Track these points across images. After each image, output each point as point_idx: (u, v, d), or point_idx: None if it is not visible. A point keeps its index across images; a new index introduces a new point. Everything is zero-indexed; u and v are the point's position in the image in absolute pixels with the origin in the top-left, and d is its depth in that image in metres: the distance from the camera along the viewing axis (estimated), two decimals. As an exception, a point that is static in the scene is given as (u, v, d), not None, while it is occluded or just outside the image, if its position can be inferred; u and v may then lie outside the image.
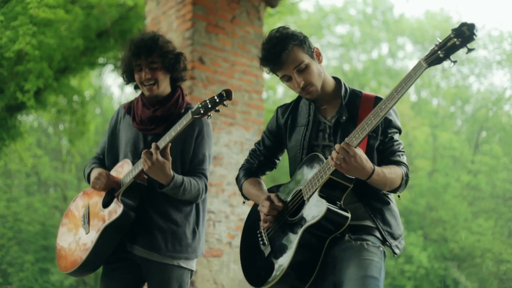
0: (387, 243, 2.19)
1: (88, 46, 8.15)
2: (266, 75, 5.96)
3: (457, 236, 17.05)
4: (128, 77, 2.65)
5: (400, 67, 21.49)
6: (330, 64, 20.18)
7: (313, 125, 2.31)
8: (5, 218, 16.79)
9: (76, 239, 2.63)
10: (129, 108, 2.73)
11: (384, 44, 21.48)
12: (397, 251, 2.21)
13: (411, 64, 24.37)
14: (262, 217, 2.28)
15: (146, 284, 2.63)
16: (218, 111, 2.35)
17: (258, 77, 5.78)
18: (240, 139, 5.33)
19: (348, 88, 2.31)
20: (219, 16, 5.52)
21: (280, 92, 18.07)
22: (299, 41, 2.24)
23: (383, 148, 2.21)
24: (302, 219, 2.12)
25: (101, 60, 9.11)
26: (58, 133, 16.51)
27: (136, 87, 2.74)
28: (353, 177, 2.07)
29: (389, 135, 2.22)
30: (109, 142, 2.74)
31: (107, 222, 2.48)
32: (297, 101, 2.44)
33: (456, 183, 17.86)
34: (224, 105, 2.31)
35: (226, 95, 2.30)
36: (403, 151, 2.25)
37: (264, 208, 2.26)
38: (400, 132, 2.27)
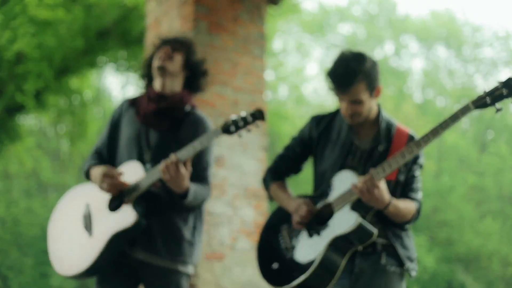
0: (406, 266, 2.36)
1: (88, 47, 8.11)
2: (268, 75, 5.96)
3: (464, 238, 16.90)
4: (149, 67, 2.68)
5: (404, 67, 21.39)
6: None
7: (347, 146, 2.43)
8: (4, 221, 16.70)
9: (76, 241, 2.53)
10: (133, 102, 2.69)
11: (388, 44, 21.37)
12: (413, 273, 2.39)
13: (414, 64, 24.19)
14: (297, 219, 2.40)
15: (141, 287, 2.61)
16: (249, 131, 2.36)
17: (260, 77, 5.74)
18: (243, 140, 5.27)
19: (384, 117, 2.44)
20: (221, 16, 5.47)
21: (283, 92, 18.02)
22: (368, 78, 2.33)
23: (405, 182, 2.38)
24: (331, 229, 2.31)
25: (101, 60, 9.06)
26: (58, 135, 16.45)
27: (144, 76, 2.72)
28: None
29: (412, 172, 2.38)
30: (109, 135, 2.69)
31: (117, 229, 2.42)
32: (333, 116, 2.54)
33: (462, 184, 17.71)
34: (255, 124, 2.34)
35: (259, 116, 2.31)
36: (420, 188, 2.42)
37: (302, 211, 2.39)
38: (421, 167, 2.43)
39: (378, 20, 21.04)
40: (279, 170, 2.62)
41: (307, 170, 2.74)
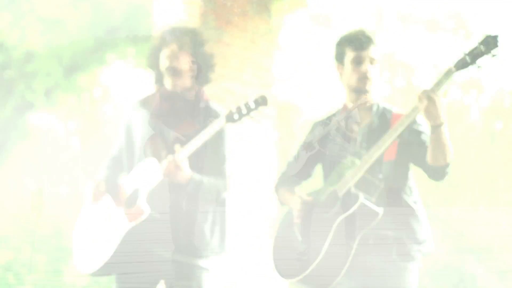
0: (411, 250, 2.36)
1: (97, 44, 8.14)
2: (277, 71, 5.95)
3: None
4: (156, 63, 2.70)
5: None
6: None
7: (344, 135, 2.46)
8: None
9: (97, 238, 2.61)
10: (145, 102, 2.70)
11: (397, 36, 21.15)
12: (418, 255, 2.36)
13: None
14: (295, 213, 2.42)
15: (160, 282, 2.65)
16: (253, 117, 2.41)
17: (269, 72, 5.76)
18: (252, 134, 5.28)
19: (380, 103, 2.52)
20: (229, 11, 5.47)
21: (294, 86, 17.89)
22: None
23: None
24: (337, 213, 2.31)
25: (110, 57, 8.98)
26: (69, 134, 16.55)
27: (153, 72, 2.72)
28: (382, 176, 2.32)
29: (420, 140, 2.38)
30: (124, 140, 2.71)
31: (132, 223, 2.47)
32: (331, 118, 2.57)
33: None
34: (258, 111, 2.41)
35: (261, 101, 2.38)
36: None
37: (296, 205, 2.40)
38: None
39: (387, 12, 20.80)
40: (288, 177, 2.65)
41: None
